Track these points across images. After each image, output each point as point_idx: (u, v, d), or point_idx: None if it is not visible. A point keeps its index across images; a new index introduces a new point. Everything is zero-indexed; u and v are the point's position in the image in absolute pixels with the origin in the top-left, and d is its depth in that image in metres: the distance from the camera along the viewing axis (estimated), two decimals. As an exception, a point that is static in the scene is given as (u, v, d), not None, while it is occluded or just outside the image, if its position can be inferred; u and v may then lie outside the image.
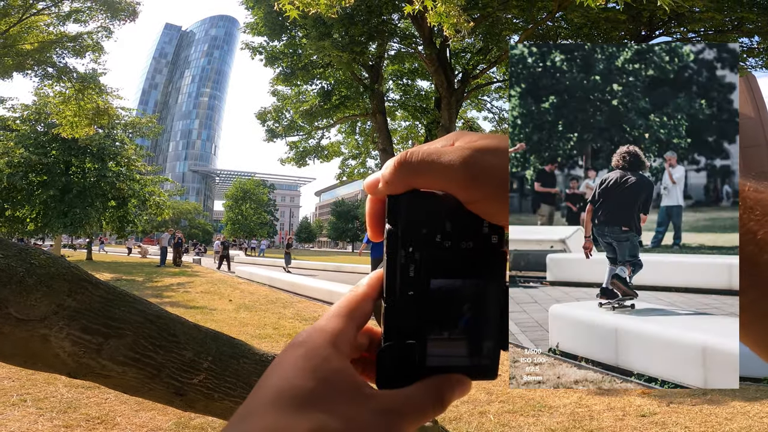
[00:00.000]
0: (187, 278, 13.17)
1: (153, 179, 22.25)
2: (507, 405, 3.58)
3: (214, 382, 1.15)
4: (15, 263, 0.88)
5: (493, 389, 3.98)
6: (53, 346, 0.92)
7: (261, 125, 12.84)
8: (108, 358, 0.97)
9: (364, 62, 10.54)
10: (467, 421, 3.29)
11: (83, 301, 0.96)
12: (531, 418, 3.31)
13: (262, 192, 63.97)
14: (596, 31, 9.16)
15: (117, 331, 0.99)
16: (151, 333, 1.05)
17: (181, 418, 3.19)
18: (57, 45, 11.27)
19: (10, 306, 0.85)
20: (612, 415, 3.27)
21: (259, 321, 7.11)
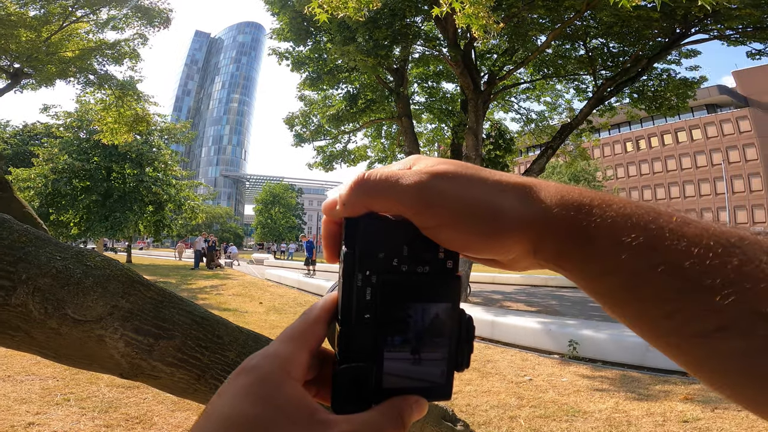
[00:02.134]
0: (220, 281, 13.54)
1: (188, 184, 22.93)
2: (538, 410, 3.51)
3: None
4: (72, 265, 0.93)
5: (524, 393, 3.91)
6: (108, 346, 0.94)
7: (289, 130, 13.05)
8: (158, 359, 0.99)
9: (389, 66, 10.57)
10: (497, 425, 3.24)
11: (136, 302, 0.98)
12: (564, 423, 3.23)
13: (290, 196, 64.99)
14: (627, 29, 8.86)
15: (167, 333, 1.01)
16: (198, 334, 1.06)
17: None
18: (97, 52, 11.63)
19: (68, 307, 0.89)
20: (651, 421, 3.15)
21: (288, 323, 7.12)
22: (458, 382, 4.28)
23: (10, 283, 0.90)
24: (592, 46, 9.92)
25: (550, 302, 11.53)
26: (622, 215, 0.26)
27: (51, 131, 19.70)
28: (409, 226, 0.29)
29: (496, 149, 11.47)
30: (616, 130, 52.78)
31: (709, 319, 0.23)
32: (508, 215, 0.28)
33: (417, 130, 14.09)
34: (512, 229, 0.28)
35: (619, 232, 0.26)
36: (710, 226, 0.26)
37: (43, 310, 0.89)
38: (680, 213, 0.27)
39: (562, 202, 0.28)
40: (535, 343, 5.79)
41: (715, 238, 0.25)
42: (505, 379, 4.37)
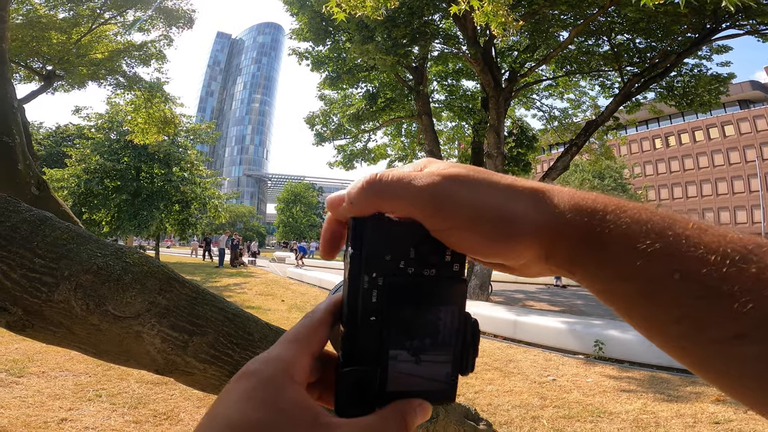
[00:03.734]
0: (243, 279, 13.81)
1: (212, 182, 23.36)
2: (562, 410, 3.46)
3: None
4: (112, 262, 0.96)
5: (547, 394, 3.86)
6: (145, 342, 0.96)
7: (310, 129, 13.16)
8: (192, 356, 1.00)
9: (408, 64, 10.55)
10: (519, 425, 3.22)
11: (172, 299, 0.99)
12: (588, 424, 3.17)
13: (311, 195, 65.58)
14: (655, 25, 8.58)
15: (201, 329, 1.01)
16: (230, 331, 1.06)
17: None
18: (125, 54, 11.90)
19: (108, 303, 0.92)
20: (681, 422, 3.06)
21: (310, 320, 7.33)
22: (480, 382, 4.26)
23: (53, 279, 0.92)
24: (617, 42, 9.66)
25: (575, 302, 11.31)
26: (637, 221, 0.26)
27: (83, 132, 20.32)
28: (416, 229, 0.29)
29: (519, 147, 11.31)
30: (644, 126, 51.22)
31: (727, 326, 0.23)
32: (521, 220, 0.28)
33: (437, 128, 14.01)
34: (525, 233, 0.28)
35: (634, 238, 0.26)
36: (727, 232, 0.26)
37: (85, 306, 0.92)
38: (696, 219, 0.27)
39: (575, 208, 0.28)
40: (558, 343, 5.70)
41: (732, 245, 0.25)
42: (527, 379, 4.32)
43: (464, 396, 3.85)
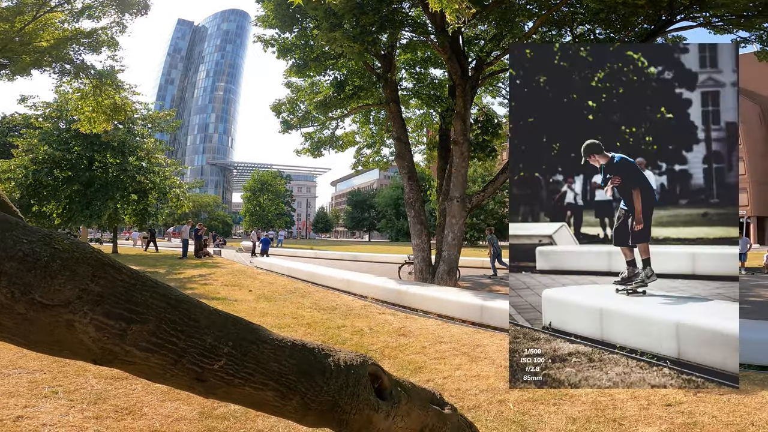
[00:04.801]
0: (209, 270, 13.43)
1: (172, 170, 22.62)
2: (527, 393, 3.54)
3: (234, 367, 1.13)
4: (39, 248, 0.88)
5: (512, 378, 3.96)
6: (78, 331, 0.91)
7: (276, 117, 12.90)
8: (131, 344, 0.96)
9: (376, 52, 10.43)
10: (486, 409, 3.27)
11: (106, 285, 0.95)
12: (552, 406, 3.27)
13: (278, 183, 64.49)
14: (614, 15, 8.83)
15: (140, 317, 0.98)
16: (173, 318, 1.03)
17: (205, 408, 3.24)
18: (72, 41, 11.42)
19: (35, 291, 0.85)
20: (636, 404, 3.20)
21: (278, 311, 7.21)
22: (448, 367, 4.31)
23: (-26, 268, 0.84)
24: (578, 33, 9.89)
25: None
26: None
27: (30, 122, 19.20)
28: None
29: (484, 134, 11.46)
30: None
31: None
32: None
33: (405, 116, 13.99)
34: None
35: None
36: None
37: (10, 294, 0.85)
38: None
39: None
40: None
41: None
42: (494, 363, 4.41)
43: (434, 382, 3.88)
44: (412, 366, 4.37)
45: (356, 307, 7.57)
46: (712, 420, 2.88)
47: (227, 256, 20.74)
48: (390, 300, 8.21)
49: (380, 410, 1.46)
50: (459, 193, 10.00)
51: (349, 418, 1.36)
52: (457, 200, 9.96)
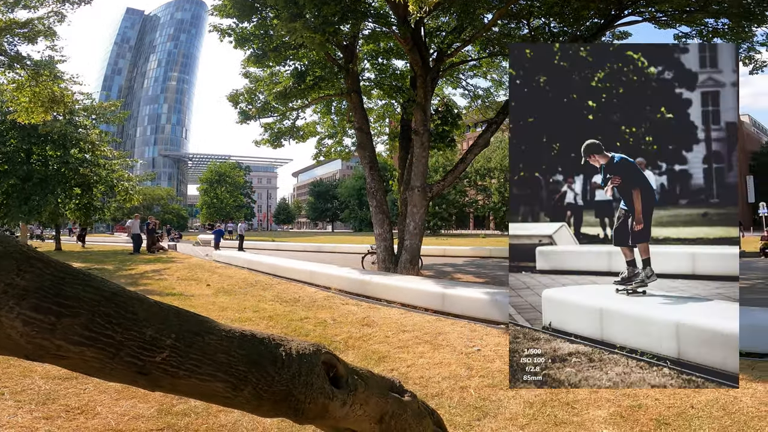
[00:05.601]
0: (163, 265, 12.87)
1: (120, 163, 21.49)
2: (487, 379, 3.64)
3: (179, 359, 1.12)
4: None
5: (473, 364, 4.06)
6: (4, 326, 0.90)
7: (233, 107, 12.48)
8: (62, 338, 0.95)
9: (338, 42, 10.26)
10: (449, 396, 3.34)
11: (33, 279, 0.94)
12: (510, 391, 3.36)
13: (237, 175, 62.68)
14: (568, 9, 9.12)
15: (71, 310, 0.96)
16: (108, 311, 1.02)
17: (164, 405, 3.14)
18: (6, 32, 10.78)
19: None
20: (587, 388, 3.36)
21: (238, 304, 7.03)
22: (411, 355, 4.37)
23: None
24: (534, 26, 10.14)
25: (496, 273, 12.04)
26: None
27: (-38, 115, 17.59)
28: None
29: (444, 124, 11.60)
30: None
31: None
32: None
33: (367, 106, 13.91)
34: None
35: None
36: None
37: None
38: None
39: None
40: (482, 314, 5.97)
41: None
42: (455, 351, 4.50)
43: (397, 371, 3.92)
44: (376, 356, 4.39)
45: (319, 299, 7.51)
46: (655, 403, 3.06)
47: (183, 250, 19.98)
48: (353, 290, 8.20)
49: (336, 398, 1.46)
50: (420, 182, 10.08)
51: (304, 407, 1.36)
52: (418, 189, 10.05)
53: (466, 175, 48.13)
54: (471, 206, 53.83)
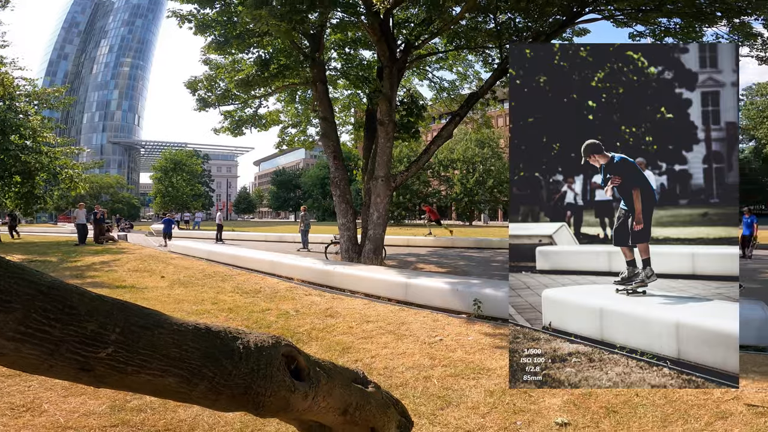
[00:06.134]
0: (112, 256, 12.19)
1: (64, 151, 20.14)
2: (449, 369, 3.69)
3: (126, 354, 1.09)
4: None
5: (436, 354, 4.10)
6: None
7: (192, 95, 11.92)
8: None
9: (305, 31, 9.99)
10: (413, 386, 3.35)
11: None
12: (472, 380, 3.43)
13: (195, 163, 60.32)
14: (533, 5, 9.30)
15: (4, 305, 0.93)
16: (45, 306, 0.98)
17: (116, 402, 2.99)
18: None
19: None
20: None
21: (196, 297, 6.77)
22: (375, 346, 4.36)
23: None
24: (500, 20, 10.29)
25: (458, 263, 12.27)
26: None
27: None
28: None
29: (409, 115, 11.62)
30: None
31: None
32: None
33: (333, 96, 13.69)
34: None
35: None
36: None
37: None
38: None
39: None
40: (445, 303, 6.06)
41: None
42: (418, 341, 4.53)
43: (361, 361, 3.89)
44: (339, 347, 4.35)
45: (282, 290, 7.35)
46: (605, 391, 3.18)
47: (135, 241, 19.03)
48: (317, 281, 8.10)
49: (298, 391, 1.44)
50: (384, 172, 10.07)
51: (265, 400, 1.33)
52: (382, 179, 10.03)
53: (430, 166, 48.74)
54: (434, 197, 54.64)
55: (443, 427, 2.72)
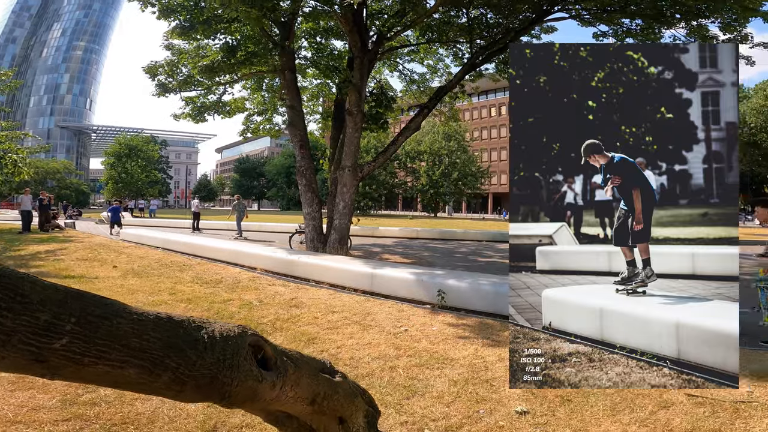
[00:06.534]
0: (59, 245, 11.46)
1: (8, 135, 18.79)
2: (414, 359, 3.72)
3: (82, 345, 1.05)
4: None
5: (401, 344, 4.13)
6: None
7: (151, 80, 11.32)
8: None
9: (276, 18, 9.67)
10: (379, 376, 3.36)
11: None
12: (436, 370, 3.48)
13: (151, 149, 57.60)
14: (505, 1, 9.44)
15: None
16: None
17: (67, 395, 2.84)
18: None
19: None
20: (503, 366, 3.54)
21: (151, 287, 6.47)
22: (341, 336, 4.33)
23: None
24: (473, 15, 10.38)
25: (423, 254, 12.42)
26: None
27: None
28: None
29: (378, 106, 11.57)
30: (484, 96, 58.90)
31: None
32: None
33: (302, 85, 13.42)
34: None
35: None
36: None
37: None
38: None
39: None
40: (409, 294, 6.09)
41: None
42: (384, 331, 4.55)
43: (328, 352, 3.86)
44: (305, 337, 4.29)
45: (244, 279, 7.17)
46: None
47: (84, 229, 17.99)
48: (281, 271, 7.95)
49: (265, 381, 1.41)
50: (351, 162, 9.99)
51: (231, 390, 1.30)
52: (349, 169, 9.96)
53: (397, 157, 48.93)
54: (400, 187, 54.97)
55: (409, 416, 2.75)
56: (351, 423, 1.87)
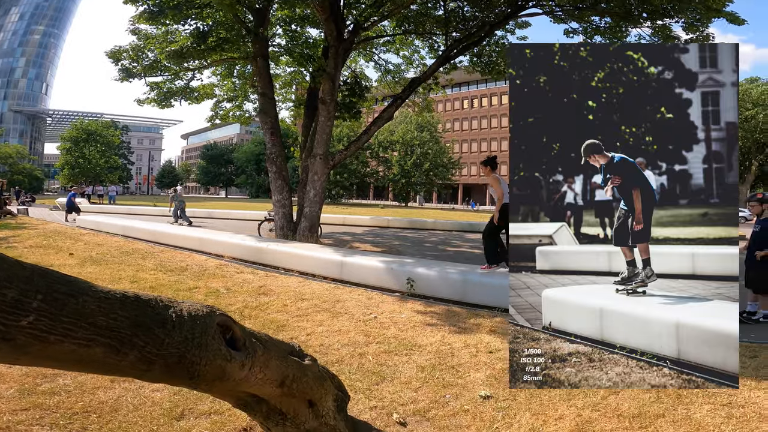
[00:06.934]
0: (11, 231, 10.83)
1: None
2: (383, 345, 3.77)
3: (49, 323, 1.03)
4: None
5: (371, 331, 4.17)
6: None
7: (114, 65, 10.80)
8: None
9: (250, 5, 9.38)
10: (348, 362, 3.40)
11: None
12: (404, 357, 3.54)
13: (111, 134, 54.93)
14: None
15: None
16: None
17: (25, 385, 2.74)
18: None
19: None
20: (468, 352, 3.65)
21: (111, 275, 6.24)
22: (311, 324, 4.33)
23: None
24: (449, 8, 10.41)
25: (393, 243, 12.50)
26: None
27: None
28: None
29: (352, 96, 11.49)
30: (457, 88, 59.67)
31: None
32: None
33: (275, 72, 13.12)
34: None
35: None
36: None
37: None
38: None
39: None
40: (379, 282, 6.15)
41: None
42: (353, 318, 4.58)
43: (297, 339, 3.85)
44: (274, 325, 4.27)
45: (211, 267, 7.02)
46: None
47: (37, 215, 17.06)
48: (249, 258, 7.83)
49: (234, 360, 1.41)
50: (322, 150, 9.91)
51: (201, 369, 1.29)
52: (320, 157, 9.88)
53: (369, 147, 48.77)
54: (372, 177, 54.89)
55: (378, 401, 2.80)
56: (320, 406, 1.89)
